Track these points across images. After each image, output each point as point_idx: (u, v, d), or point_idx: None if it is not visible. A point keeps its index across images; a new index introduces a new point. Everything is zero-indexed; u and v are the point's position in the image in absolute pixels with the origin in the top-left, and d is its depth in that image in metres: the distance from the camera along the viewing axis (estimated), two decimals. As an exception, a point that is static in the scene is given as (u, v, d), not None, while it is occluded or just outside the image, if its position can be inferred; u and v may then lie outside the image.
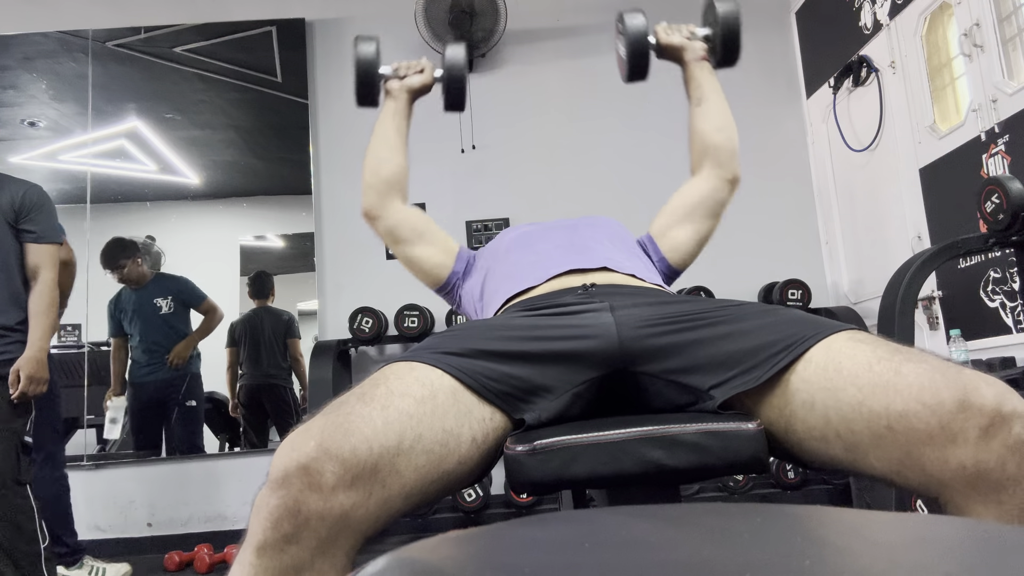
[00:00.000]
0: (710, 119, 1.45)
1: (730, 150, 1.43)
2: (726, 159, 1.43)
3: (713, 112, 1.45)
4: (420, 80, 1.51)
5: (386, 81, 1.51)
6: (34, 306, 2.10)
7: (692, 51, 1.49)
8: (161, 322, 3.57)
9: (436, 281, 1.44)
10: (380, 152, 1.46)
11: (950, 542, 0.33)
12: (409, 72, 1.51)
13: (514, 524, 0.40)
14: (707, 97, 1.46)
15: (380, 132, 1.48)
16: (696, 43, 1.50)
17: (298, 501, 0.66)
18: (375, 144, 1.48)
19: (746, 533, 0.35)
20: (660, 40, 1.49)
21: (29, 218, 2.14)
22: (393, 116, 1.49)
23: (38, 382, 2.03)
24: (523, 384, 0.88)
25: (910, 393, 0.71)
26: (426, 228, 1.45)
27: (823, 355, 0.81)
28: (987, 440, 0.67)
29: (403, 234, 1.43)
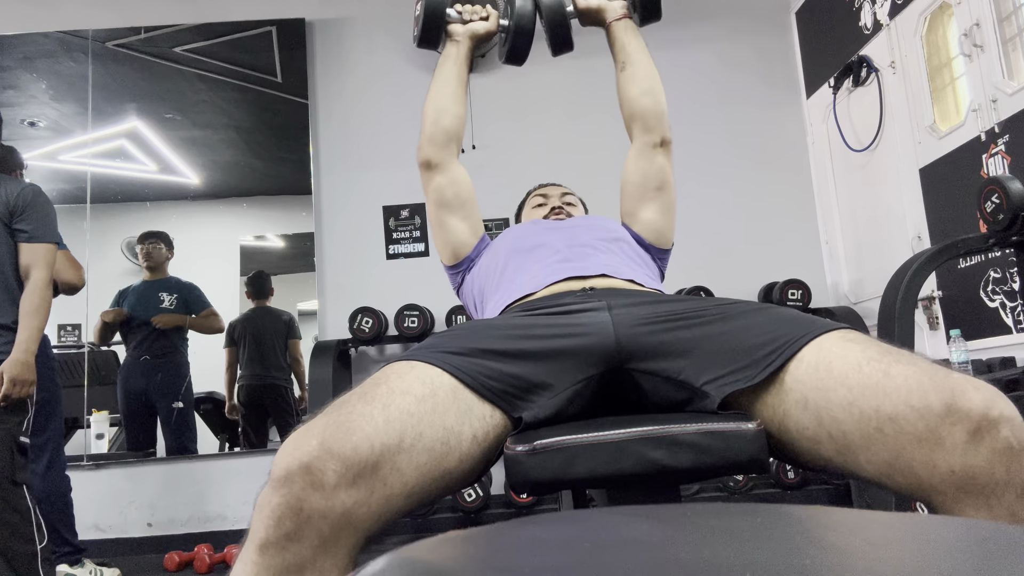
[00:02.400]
0: (636, 82, 1.41)
1: (656, 113, 1.40)
2: (653, 122, 1.39)
3: (639, 74, 1.41)
4: (484, 27, 1.46)
5: (449, 24, 1.46)
6: (23, 306, 2.07)
7: (612, 11, 1.45)
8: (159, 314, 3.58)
9: (454, 256, 1.43)
10: (441, 101, 1.42)
11: (950, 542, 0.33)
12: (474, 16, 1.47)
13: (514, 524, 0.40)
14: (631, 59, 1.42)
15: (442, 79, 1.43)
16: (615, 2, 1.46)
17: (300, 499, 0.66)
18: (437, 92, 1.42)
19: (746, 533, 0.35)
20: (579, 5, 1.46)
21: (23, 217, 2.12)
22: (455, 62, 1.44)
23: (23, 384, 2.00)
24: (521, 382, 0.88)
25: (898, 396, 0.71)
26: (469, 198, 1.43)
27: (815, 355, 0.82)
28: (975, 444, 0.67)
29: (449, 196, 1.41)
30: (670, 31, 3.99)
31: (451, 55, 1.45)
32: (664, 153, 1.40)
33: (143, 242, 3.65)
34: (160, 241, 3.66)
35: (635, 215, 1.41)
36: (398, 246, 3.67)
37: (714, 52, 3.82)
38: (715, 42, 3.84)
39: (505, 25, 1.45)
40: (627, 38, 1.44)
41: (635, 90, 1.41)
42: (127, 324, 3.57)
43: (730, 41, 3.83)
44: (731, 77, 3.79)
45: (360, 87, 3.80)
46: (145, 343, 3.55)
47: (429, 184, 1.42)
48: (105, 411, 3.51)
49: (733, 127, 3.74)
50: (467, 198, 1.42)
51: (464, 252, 1.41)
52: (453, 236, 1.41)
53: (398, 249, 3.67)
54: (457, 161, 1.43)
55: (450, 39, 1.46)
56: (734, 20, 3.86)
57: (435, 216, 1.43)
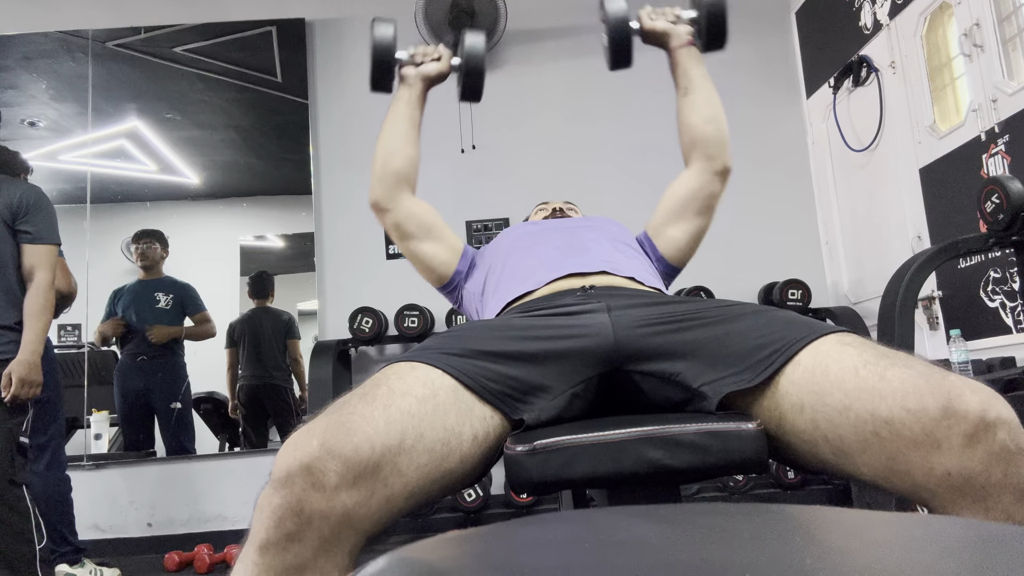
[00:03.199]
0: (698, 110, 1.41)
1: (719, 141, 1.40)
2: (715, 151, 1.40)
3: (701, 102, 1.42)
4: (436, 68, 1.46)
5: (401, 67, 1.46)
6: (28, 308, 2.08)
7: (677, 37, 1.45)
8: (154, 316, 3.58)
9: (440, 279, 1.43)
10: (391, 143, 1.43)
11: (950, 542, 0.33)
12: (425, 59, 1.47)
13: (514, 524, 0.40)
14: (694, 86, 1.43)
15: (392, 121, 1.44)
16: (681, 27, 1.46)
17: (301, 500, 0.66)
18: (387, 134, 1.44)
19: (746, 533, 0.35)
20: (644, 25, 1.45)
21: (26, 219, 2.13)
22: (407, 104, 1.45)
23: (30, 385, 2.01)
24: (521, 384, 0.88)
25: (895, 399, 0.71)
26: (433, 224, 1.42)
27: (811, 358, 0.82)
28: (972, 447, 0.67)
29: (410, 229, 1.41)
30: (670, 31, 3.99)
31: (403, 97, 1.46)
32: (721, 182, 1.41)
33: (137, 241, 3.65)
34: (155, 240, 3.66)
35: (665, 229, 1.41)
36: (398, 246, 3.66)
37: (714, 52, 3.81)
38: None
39: (457, 64, 1.45)
40: (690, 64, 1.44)
41: (698, 117, 1.41)
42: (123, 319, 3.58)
43: (730, 41, 3.82)
44: (731, 77, 3.78)
45: (360, 87, 3.77)
46: (143, 344, 3.55)
47: (386, 224, 1.43)
48: (105, 411, 3.52)
49: (733, 127, 3.70)
50: (431, 223, 1.42)
51: (448, 271, 1.41)
52: (431, 261, 1.41)
53: (397, 249, 3.67)
54: (410, 196, 1.43)
55: (403, 82, 1.47)
56: (734, 20, 3.82)
57: (405, 250, 1.43)
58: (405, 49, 1.47)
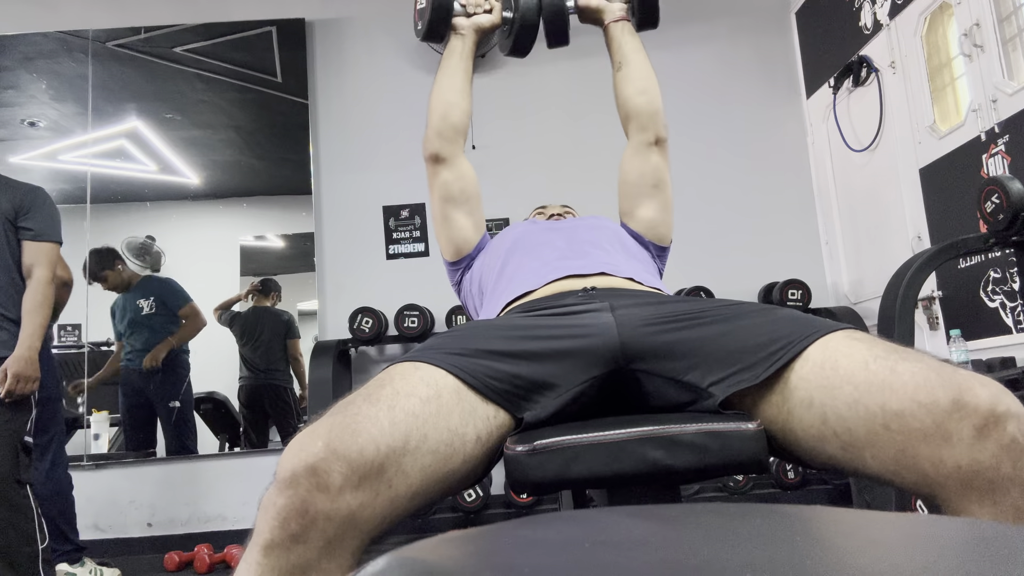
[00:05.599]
0: (631, 82, 1.43)
1: (651, 112, 1.41)
2: (648, 122, 1.41)
3: (634, 75, 1.43)
4: (489, 20, 1.46)
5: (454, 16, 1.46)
6: (26, 304, 2.08)
7: (610, 12, 1.47)
8: (142, 323, 3.57)
9: (456, 252, 1.43)
10: (448, 95, 1.41)
11: (950, 542, 0.33)
12: (478, 9, 1.46)
13: (514, 524, 0.40)
14: (628, 59, 1.44)
15: (448, 73, 1.42)
16: (615, 4, 1.48)
17: (305, 501, 0.66)
18: (443, 86, 1.42)
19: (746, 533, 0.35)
20: (579, 2, 1.48)
21: (27, 216, 2.14)
22: (461, 57, 1.44)
23: (26, 380, 2.01)
24: (524, 383, 0.88)
25: (905, 392, 0.71)
26: (474, 195, 1.43)
27: (820, 353, 0.81)
28: (982, 440, 0.67)
29: (455, 191, 1.40)
30: (670, 31, 3.98)
31: (456, 49, 1.45)
32: (659, 151, 1.41)
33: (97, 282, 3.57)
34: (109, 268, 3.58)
35: (633, 213, 1.41)
36: (398, 246, 3.67)
37: (714, 52, 3.82)
38: (715, 42, 3.84)
39: (509, 17, 1.46)
40: (624, 39, 1.45)
41: (630, 89, 1.43)
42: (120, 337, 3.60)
43: (730, 41, 3.83)
44: (731, 77, 3.79)
45: (360, 87, 3.80)
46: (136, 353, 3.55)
47: (435, 179, 1.41)
48: (105, 411, 3.52)
49: (733, 127, 3.74)
50: (472, 194, 1.42)
51: (466, 249, 1.41)
52: (457, 232, 1.41)
53: (398, 249, 3.67)
54: (463, 156, 1.42)
55: (455, 33, 1.46)
56: (734, 20, 3.86)
57: (439, 211, 1.42)
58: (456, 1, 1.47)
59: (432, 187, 1.43)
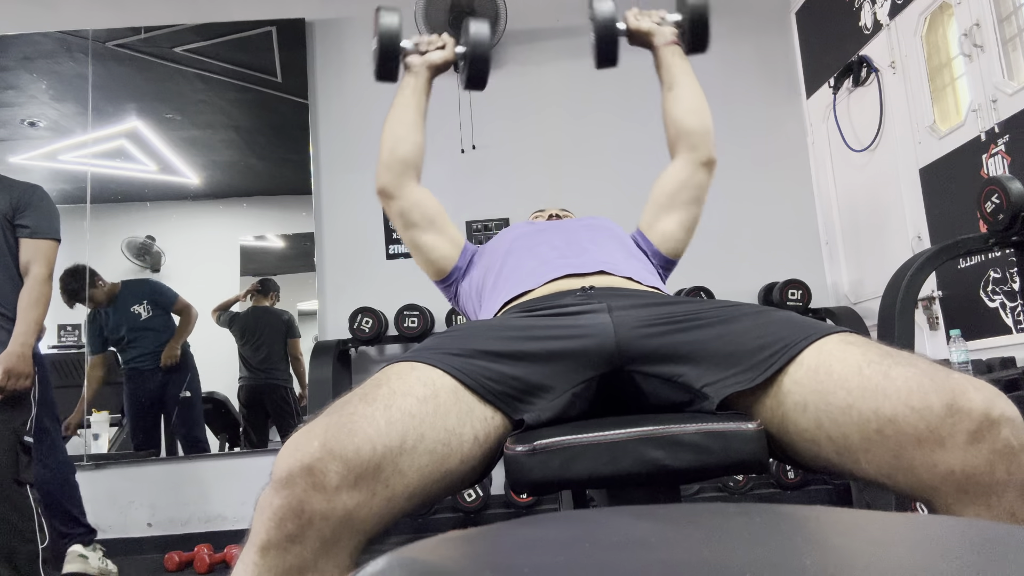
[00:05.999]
0: (681, 102, 1.45)
1: (703, 132, 1.43)
2: (699, 141, 1.42)
3: (684, 95, 1.45)
4: (441, 56, 1.47)
5: (406, 56, 1.47)
6: (21, 300, 2.08)
7: (661, 36, 1.49)
8: (145, 327, 3.57)
9: (439, 272, 1.43)
10: (398, 130, 1.43)
11: (950, 542, 0.33)
12: (430, 47, 1.48)
13: (514, 524, 0.40)
14: (677, 80, 1.46)
15: (399, 109, 1.45)
16: (666, 28, 1.50)
17: (302, 501, 0.66)
18: (393, 122, 1.44)
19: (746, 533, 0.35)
20: (630, 26, 1.49)
21: (24, 214, 2.14)
22: (413, 92, 1.45)
23: (18, 376, 1.99)
24: (521, 384, 0.88)
25: (899, 397, 0.71)
26: (437, 215, 1.43)
27: (814, 357, 0.82)
28: (975, 444, 0.67)
29: (415, 218, 1.41)
30: (670, 31, 3.99)
31: (409, 85, 1.46)
32: (707, 172, 1.42)
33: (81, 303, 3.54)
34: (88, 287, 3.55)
35: (656, 223, 1.42)
36: (398, 246, 3.67)
37: (714, 52, 3.77)
38: (715, 42, 3.80)
39: (462, 52, 1.46)
40: (673, 61, 1.48)
41: (681, 109, 1.44)
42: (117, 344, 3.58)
43: (730, 41, 3.83)
44: (731, 77, 3.79)
45: (360, 87, 3.80)
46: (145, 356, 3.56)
47: (391, 211, 1.43)
48: (105, 411, 3.52)
49: (733, 127, 3.74)
50: (434, 215, 1.43)
51: (448, 265, 1.42)
52: (432, 253, 1.42)
53: (398, 249, 3.67)
54: (415, 185, 1.43)
55: (408, 70, 1.48)
56: (734, 20, 3.86)
57: (408, 239, 1.44)
58: (409, 38, 1.47)
59: (392, 220, 1.45)
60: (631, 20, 1.50)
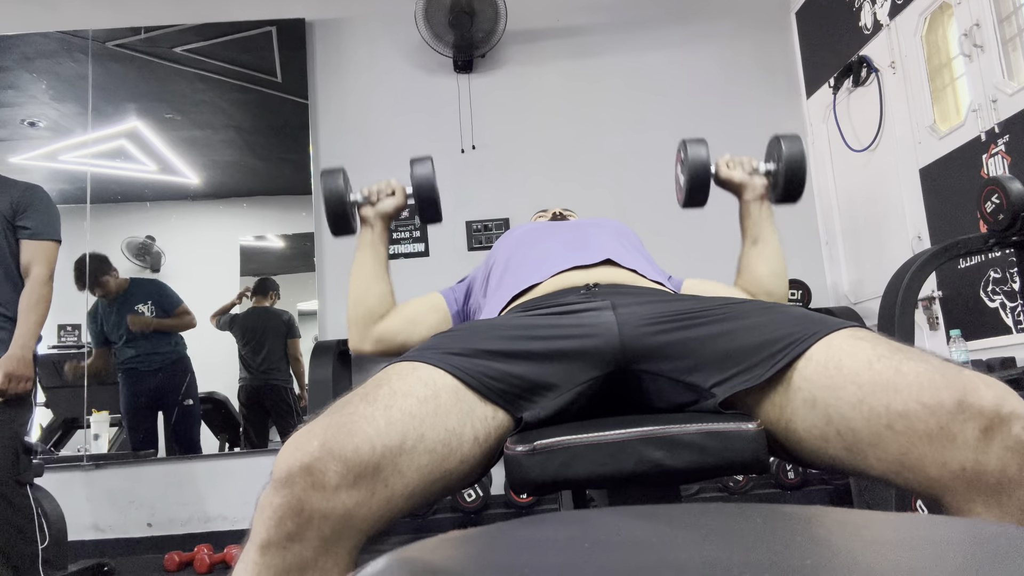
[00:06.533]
0: (765, 262, 1.47)
1: (782, 296, 1.47)
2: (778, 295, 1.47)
3: (769, 255, 1.47)
4: (393, 204, 1.47)
5: (359, 208, 1.47)
6: (22, 302, 2.07)
7: (752, 189, 1.49)
8: None
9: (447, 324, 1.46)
10: (359, 288, 1.45)
11: (950, 542, 0.33)
12: (381, 196, 1.47)
13: (514, 524, 0.40)
14: (763, 238, 1.48)
15: (360, 266, 1.46)
16: (756, 179, 1.49)
17: (301, 500, 0.66)
18: (355, 280, 1.45)
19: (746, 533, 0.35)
20: (721, 174, 1.49)
21: (25, 215, 2.13)
22: (371, 246, 1.46)
23: (19, 379, 1.99)
24: (524, 383, 0.88)
25: (910, 393, 0.71)
26: (411, 315, 1.46)
27: (824, 353, 0.81)
28: (986, 441, 0.67)
29: (398, 340, 1.43)
30: (670, 31, 3.99)
31: (366, 241, 1.47)
32: None
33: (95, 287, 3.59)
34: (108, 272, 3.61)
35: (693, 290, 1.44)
36: (398, 246, 3.67)
37: (714, 52, 3.82)
38: (715, 42, 3.83)
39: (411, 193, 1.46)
40: (762, 217, 1.49)
41: (764, 269, 1.46)
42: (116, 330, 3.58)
43: (730, 41, 3.83)
44: (731, 77, 3.79)
45: (360, 87, 3.80)
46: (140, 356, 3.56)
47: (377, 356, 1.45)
48: (105, 411, 3.51)
49: (733, 127, 3.73)
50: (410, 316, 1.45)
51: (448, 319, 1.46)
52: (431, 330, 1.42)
53: (398, 249, 3.67)
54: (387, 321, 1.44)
55: (364, 223, 1.48)
56: (734, 20, 3.86)
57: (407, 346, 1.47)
58: (359, 191, 1.47)
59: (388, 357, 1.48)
60: (723, 168, 1.49)
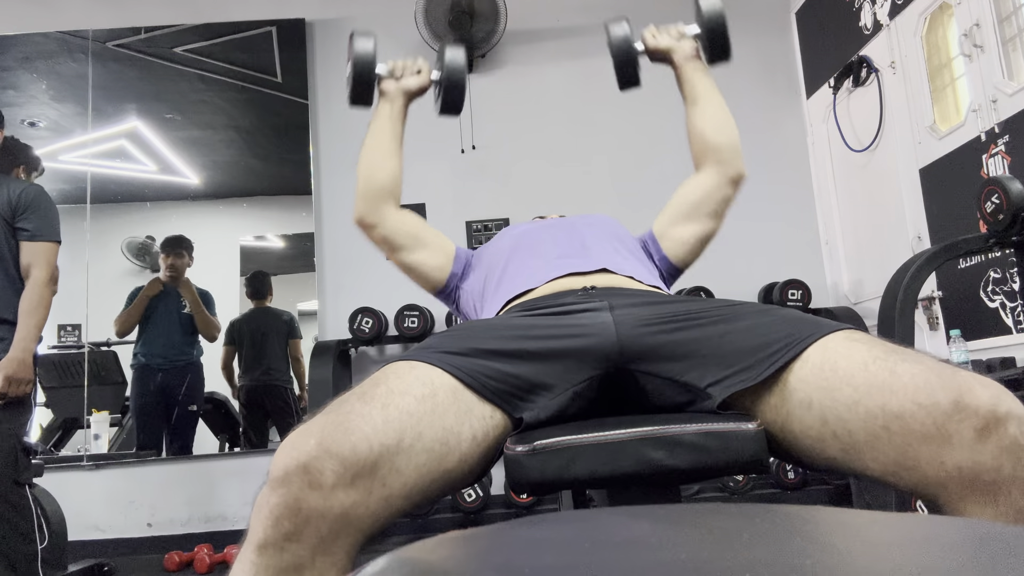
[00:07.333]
0: (708, 118, 1.42)
1: (732, 148, 1.41)
2: (729, 157, 1.40)
3: (710, 111, 1.43)
4: (417, 82, 1.46)
5: (381, 81, 1.46)
6: (22, 304, 2.06)
7: (681, 51, 1.47)
8: (179, 320, 3.63)
9: (436, 285, 1.43)
10: (373, 159, 1.42)
11: (950, 542, 0.33)
12: (406, 73, 1.46)
13: (514, 524, 0.40)
14: (701, 96, 1.44)
15: (374, 137, 1.44)
16: (685, 43, 1.48)
17: (298, 499, 0.66)
18: (369, 150, 1.43)
19: (746, 533, 0.34)
20: (648, 45, 1.47)
21: (24, 216, 2.12)
22: (388, 119, 1.44)
23: (19, 383, 1.98)
24: (522, 383, 0.88)
25: (905, 394, 0.71)
26: (421, 232, 1.42)
27: (819, 355, 0.81)
28: (982, 441, 0.67)
29: (400, 241, 1.41)
30: (670, 31, 3.99)
31: (384, 112, 1.45)
32: (734, 188, 1.40)
33: (167, 252, 3.69)
34: (184, 251, 3.72)
35: (671, 229, 1.39)
36: (398, 246, 3.67)
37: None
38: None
39: (438, 78, 1.45)
40: (696, 76, 1.45)
41: (707, 126, 1.42)
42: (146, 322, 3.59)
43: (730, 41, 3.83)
44: (731, 77, 3.75)
45: (360, 87, 3.79)
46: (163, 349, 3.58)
47: (374, 239, 1.44)
48: (105, 411, 3.52)
49: (733, 127, 3.74)
50: (418, 232, 1.43)
51: (443, 276, 1.42)
52: (423, 269, 1.42)
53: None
54: (395, 208, 1.42)
55: (383, 97, 1.46)
56: (734, 20, 3.82)
57: (398, 261, 1.44)
58: (385, 63, 1.45)
59: (378, 247, 1.45)
60: (649, 39, 1.47)
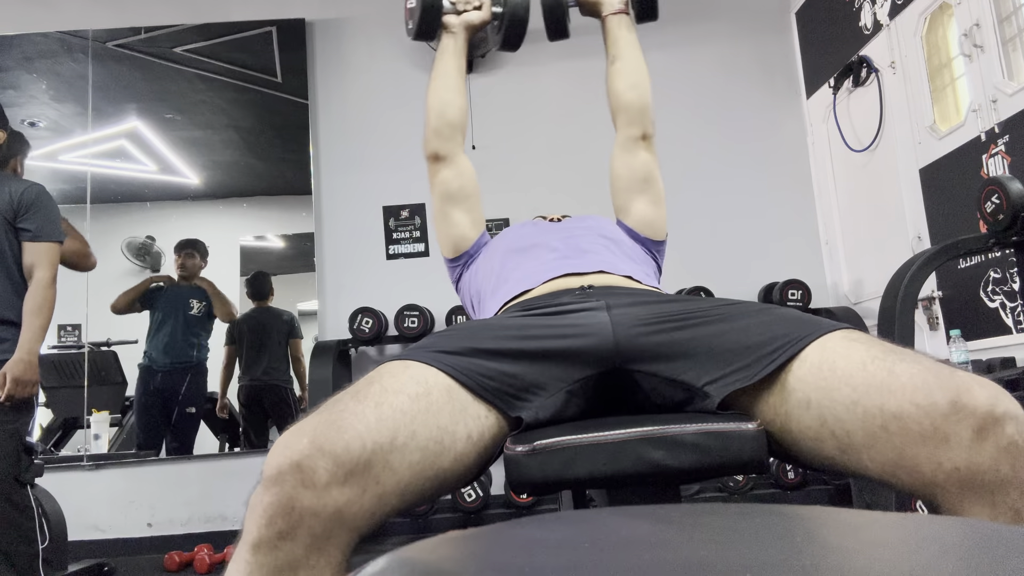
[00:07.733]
0: (623, 76, 1.44)
1: (640, 107, 1.42)
2: (636, 116, 1.42)
3: (627, 68, 1.44)
4: (479, 16, 1.47)
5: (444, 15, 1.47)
6: (26, 305, 2.06)
7: (608, 5, 1.48)
8: (187, 320, 3.64)
9: (454, 250, 1.44)
10: (444, 94, 1.43)
11: (950, 542, 0.33)
12: (468, 7, 1.47)
13: (514, 524, 0.40)
14: (622, 53, 1.45)
15: (442, 72, 1.44)
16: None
17: (292, 498, 0.66)
18: (438, 84, 1.44)
19: (746, 533, 0.35)
20: None
21: (26, 216, 2.12)
22: (454, 55, 1.45)
23: (25, 384, 1.98)
24: (518, 382, 0.88)
25: (903, 394, 0.71)
26: (473, 192, 1.44)
27: (818, 354, 0.81)
28: (980, 442, 0.67)
29: (454, 188, 1.42)
30: (670, 31, 3.99)
31: (448, 47, 1.46)
32: (647, 147, 1.43)
33: (179, 252, 3.72)
34: (196, 252, 3.74)
35: (626, 209, 1.43)
36: (398, 246, 3.67)
37: (714, 52, 3.82)
38: (715, 43, 3.84)
39: (499, 12, 1.47)
40: (620, 32, 1.46)
41: (622, 84, 1.43)
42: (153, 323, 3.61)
43: (730, 42, 3.83)
44: (731, 77, 3.79)
45: (360, 87, 3.80)
46: (169, 348, 3.59)
47: (436, 176, 1.43)
48: (105, 411, 3.52)
49: (733, 127, 3.74)
50: (471, 192, 1.44)
51: (464, 246, 1.43)
52: (455, 229, 1.42)
53: (398, 249, 3.67)
54: (463, 154, 1.44)
55: (446, 31, 1.47)
56: (734, 20, 3.86)
57: (439, 208, 1.45)
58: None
59: (432, 185, 1.45)
60: None
